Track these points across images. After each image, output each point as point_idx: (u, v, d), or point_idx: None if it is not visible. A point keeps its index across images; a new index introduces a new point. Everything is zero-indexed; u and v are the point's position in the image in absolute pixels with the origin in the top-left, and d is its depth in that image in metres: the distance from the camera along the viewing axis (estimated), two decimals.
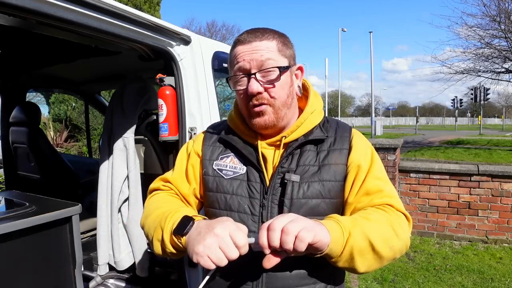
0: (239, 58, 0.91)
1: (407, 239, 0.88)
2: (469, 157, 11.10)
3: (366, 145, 0.98)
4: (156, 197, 1.04)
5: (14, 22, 1.43)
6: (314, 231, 0.70)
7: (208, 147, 1.04)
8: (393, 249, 0.83)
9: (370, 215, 0.85)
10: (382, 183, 0.93)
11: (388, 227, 0.84)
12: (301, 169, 0.93)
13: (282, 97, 0.92)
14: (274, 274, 0.89)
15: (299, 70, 1.00)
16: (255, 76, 0.89)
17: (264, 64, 0.89)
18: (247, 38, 0.91)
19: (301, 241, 0.68)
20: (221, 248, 0.72)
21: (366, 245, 0.79)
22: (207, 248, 0.72)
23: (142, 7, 8.89)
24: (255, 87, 0.88)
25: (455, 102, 28.89)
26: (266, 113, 0.91)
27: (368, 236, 0.79)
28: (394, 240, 0.83)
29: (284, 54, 0.93)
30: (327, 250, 0.75)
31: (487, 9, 9.87)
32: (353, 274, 3.32)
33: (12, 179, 3.08)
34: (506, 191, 4.04)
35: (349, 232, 0.78)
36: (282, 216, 0.73)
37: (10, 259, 1.29)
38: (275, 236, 0.69)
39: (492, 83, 11.82)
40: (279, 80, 0.90)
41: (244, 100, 0.93)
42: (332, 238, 0.74)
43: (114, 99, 2.18)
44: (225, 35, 29.47)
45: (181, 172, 1.06)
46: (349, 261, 0.79)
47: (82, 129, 9.26)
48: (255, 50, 0.89)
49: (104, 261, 2.16)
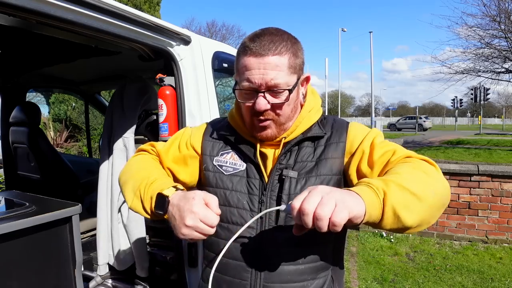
0: (248, 74, 0.88)
1: (443, 180, 0.83)
2: (469, 157, 11.08)
3: (364, 129, 0.98)
4: (141, 158, 1.07)
5: (14, 22, 1.43)
6: (347, 208, 0.66)
7: (209, 142, 1.04)
8: (436, 192, 0.78)
9: (397, 169, 0.82)
10: (392, 147, 0.91)
11: (420, 172, 0.80)
12: (299, 165, 0.94)
13: (287, 113, 0.93)
14: (272, 270, 0.90)
15: (305, 80, 0.99)
16: (263, 94, 0.88)
17: (274, 86, 0.88)
18: (259, 50, 0.86)
19: (337, 226, 0.65)
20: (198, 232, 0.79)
21: (409, 196, 0.74)
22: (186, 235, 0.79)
23: (142, 7, 8.89)
24: (262, 105, 0.88)
25: (455, 102, 28.88)
26: (270, 127, 0.93)
27: (406, 187, 0.74)
28: (433, 183, 0.79)
29: (294, 70, 0.90)
30: (366, 218, 0.71)
31: (487, 9, 9.87)
32: (353, 274, 3.32)
33: (12, 179, 3.08)
34: (506, 191, 4.04)
35: (384, 192, 0.73)
36: (312, 196, 0.68)
37: (10, 259, 1.29)
38: (308, 221, 0.67)
39: (492, 83, 11.80)
40: (288, 100, 0.90)
41: (249, 113, 0.94)
42: (367, 203, 0.70)
43: (114, 99, 2.18)
44: (225, 35, 29.48)
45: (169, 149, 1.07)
46: (396, 221, 0.73)
47: (82, 129, 9.26)
48: (266, 68, 0.86)
49: (104, 261, 2.16)
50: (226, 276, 0.94)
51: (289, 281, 0.90)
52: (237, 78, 0.94)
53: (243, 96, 0.92)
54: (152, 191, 0.89)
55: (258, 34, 0.89)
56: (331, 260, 0.96)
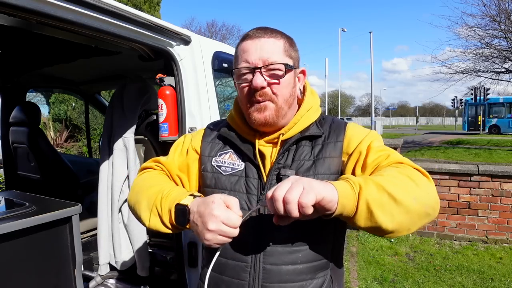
0: (245, 52, 0.92)
1: (432, 191, 0.82)
2: (469, 157, 11.09)
3: (363, 131, 0.98)
4: (146, 175, 1.05)
5: (14, 22, 1.43)
6: (314, 190, 0.69)
7: (208, 144, 1.05)
8: (418, 200, 0.77)
9: (382, 171, 0.83)
10: (387, 152, 0.91)
11: (405, 177, 0.80)
12: (296, 164, 0.94)
13: (284, 94, 0.93)
14: (270, 269, 0.90)
15: (301, 73, 1.01)
16: (260, 70, 0.90)
17: (270, 60, 0.90)
18: (255, 34, 0.92)
19: (304, 207, 0.68)
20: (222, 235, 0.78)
21: (385, 196, 0.75)
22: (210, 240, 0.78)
23: (142, 7, 8.89)
24: (259, 81, 0.89)
25: (455, 102, 28.86)
26: (268, 109, 0.92)
27: (384, 187, 0.75)
28: (416, 190, 0.78)
29: (289, 55, 0.94)
30: (339, 208, 0.73)
31: (487, 9, 9.88)
32: (353, 274, 3.32)
33: (12, 179, 3.08)
34: (506, 191, 4.04)
35: (360, 186, 0.75)
36: (282, 184, 0.72)
37: (10, 259, 1.29)
38: (279, 207, 0.70)
39: (492, 83, 11.82)
40: (284, 78, 0.91)
41: (246, 94, 0.94)
42: (341, 193, 0.73)
43: (114, 99, 2.19)
44: (225, 35, 29.50)
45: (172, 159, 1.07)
46: (370, 218, 0.75)
47: (82, 129, 9.26)
48: (262, 46, 0.91)
49: (105, 261, 2.16)
50: (225, 276, 0.94)
51: (288, 281, 0.90)
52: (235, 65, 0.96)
53: (241, 78, 0.94)
54: (169, 204, 0.88)
55: (256, 27, 0.97)
56: (330, 260, 0.95)
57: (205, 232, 0.78)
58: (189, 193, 0.90)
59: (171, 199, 0.89)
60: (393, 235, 0.79)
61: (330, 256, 0.96)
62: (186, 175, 1.06)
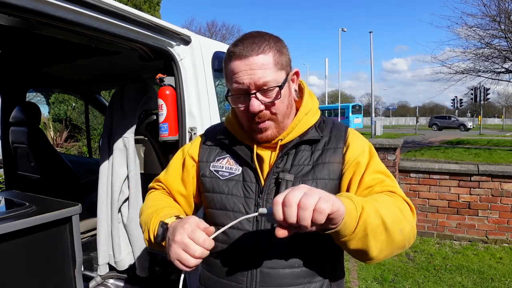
0: (236, 77, 0.88)
1: (414, 225, 0.86)
2: (469, 157, 11.10)
3: (363, 142, 0.98)
4: (150, 196, 1.10)
5: (14, 22, 1.44)
6: (331, 200, 0.66)
7: (205, 150, 1.05)
8: (403, 232, 0.80)
9: (377, 197, 0.84)
10: (383, 176, 0.92)
11: (396, 208, 0.82)
12: (295, 168, 0.94)
13: (283, 110, 0.93)
14: (268, 273, 0.90)
15: (295, 75, 0.99)
16: (255, 95, 0.89)
17: (263, 85, 0.88)
18: (243, 52, 0.87)
19: (320, 213, 0.64)
20: (185, 250, 0.76)
21: (379, 223, 0.76)
22: (174, 254, 0.77)
23: (142, 7, 8.88)
24: (256, 106, 0.89)
25: (455, 102, 28.86)
26: (269, 128, 0.93)
27: (380, 213, 0.76)
28: (403, 223, 0.81)
29: (281, 66, 0.91)
30: (341, 225, 0.71)
31: (487, 9, 9.87)
32: (353, 274, 3.32)
33: (12, 179, 3.08)
34: (506, 191, 4.04)
35: (362, 207, 0.74)
36: (295, 190, 0.67)
37: (10, 259, 1.29)
38: (291, 213, 0.65)
39: (492, 83, 11.81)
40: (279, 98, 0.90)
41: (245, 117, 0.94)
42: (347, 210, 0.71)
43: (114, 99, 2.18)
44: (225, 35, 29.50)
45: (173, 173, 1.09)
46: (363, 240, 0.75)
47: (82, 129, 9.26)
48: (252, 68, 0.87)
49: (105, 261, 2.16)
50: (223, 279, 0.94)
51: (285, 285, 0.90)
52: (228, 86, 0.94)
53: (236, 101, 0.93)
54: (157, 221, 0.91)
55: (240, 39, 0.91)
56: (329, 263, 0.95)
57: (171, 244, 0.78)
58: (175, 215, 0.92)
59: (160, 217, 0.91)
60: (371, 261, 0.82)
61: (328, 260, 0.95)
62: (185, 187, 1.07)
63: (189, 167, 1.06)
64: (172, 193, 1.08)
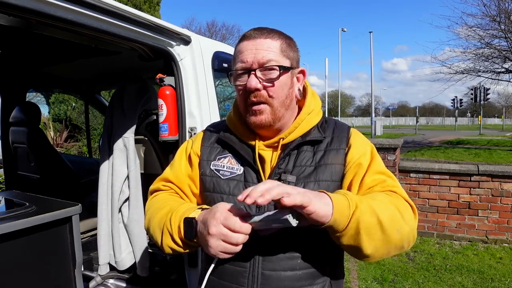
0: (241, 54, 0.92)
1: (414, 227, 0.85)
2: (469, 157, 11.10)
3: (365, 143, 0.98)
4: (156, 198, 1.04)
5: (14, 22, 1.44)
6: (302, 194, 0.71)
7: (206, 148, 1.04)
8: (400, 232, 0.80)
9: (375, 196, 0.84)
10: (384, 177, 0.92)
11: (394, 208, 0.82)
12: (298, 169, 0.93)
13: (280, 97, 0.92)
14: (269, 275, 0.89)
15: (301, 73, 1.00)
16: (255, 72, 0.89)
17: (265, 62, 0.89)
18: (252, 34, 0.92)
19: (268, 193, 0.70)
20: (225, 241, 0.77)
21: (374, 222, 0.77)
22: (216, 247, 0.77)
23: (142, 7, 8.88)
24: (253, 83, 0.89)
25: (455, 102, 28.87)
26: (264, 112, 0.92)
27: (376, 212, 0.77)
28: (401, 223, 0.81)
29: (287, 55, 0.93)
30: (331, 221, 0.73)
31: (487, 9, 9.88)
32: (353, 274, 3.32)
33: (12, 179, 3.08)
34: (506, 191, 4.04)
35: (356, 205, 0.76)
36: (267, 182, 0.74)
37: (10, 259, 1.29)
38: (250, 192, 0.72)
39: (492, 83, 11.81)
40: (279, 80, 0.90)
41: (242, 96, 0.94)
42: (336, 209, 0.73)
43: (114, 99, 2.18)
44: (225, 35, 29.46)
45: (181, 170, 1.06)
46: (355, 237, 0.77)
47: (82, 129, 9.26)
48: (258, 47, 0.90)
49: (105, 261, 2.16)
50: (223, 281, 0.93)
51: (286, 287, 0.89)
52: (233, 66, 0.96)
53: (237, 78, 0.94)
54: (179, 220, 0.88)
55: (255, 27, 0.96)
56: (329, 266, 0.94)
57: (208, 239, 0.78)
58: (197, 207, 0.90)
59: (180, 215, 0.88)
60: (367, 259, 0.82)
61: (329, 262, 0.94)
62: (194, 184, 1.05)
63: (195, 164, 1.04)
64: (184, 191, 1.05)
